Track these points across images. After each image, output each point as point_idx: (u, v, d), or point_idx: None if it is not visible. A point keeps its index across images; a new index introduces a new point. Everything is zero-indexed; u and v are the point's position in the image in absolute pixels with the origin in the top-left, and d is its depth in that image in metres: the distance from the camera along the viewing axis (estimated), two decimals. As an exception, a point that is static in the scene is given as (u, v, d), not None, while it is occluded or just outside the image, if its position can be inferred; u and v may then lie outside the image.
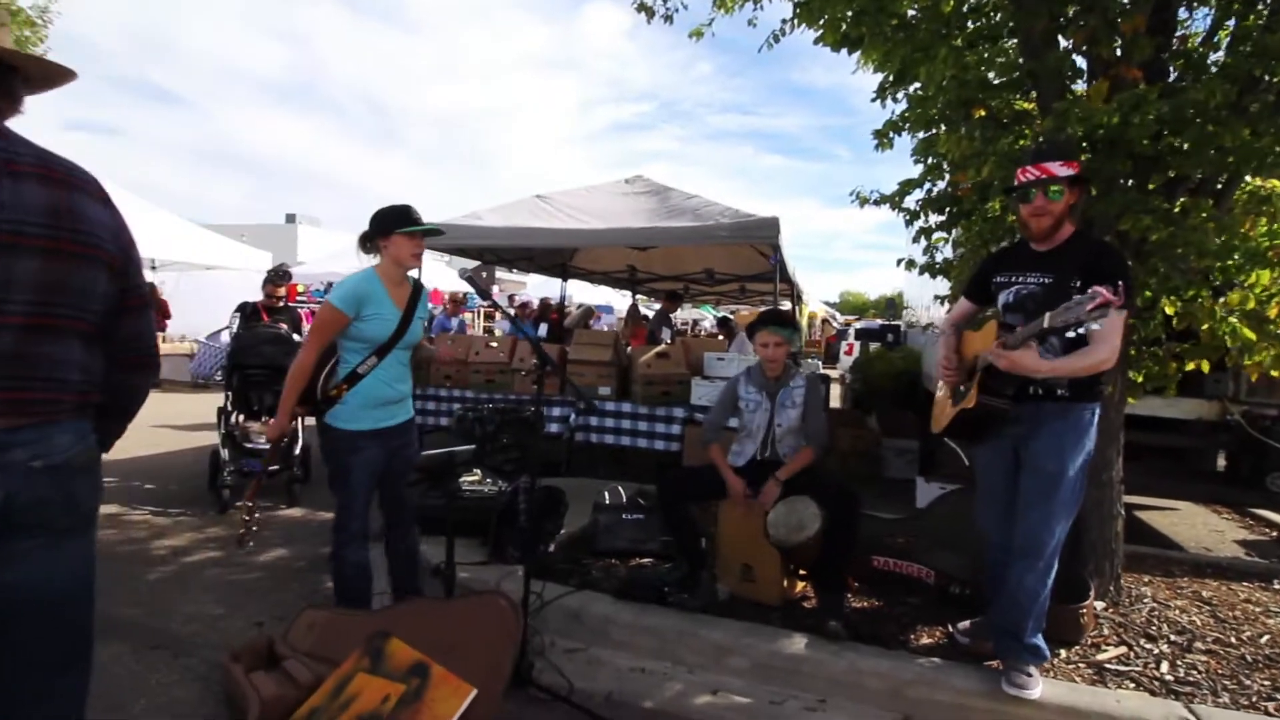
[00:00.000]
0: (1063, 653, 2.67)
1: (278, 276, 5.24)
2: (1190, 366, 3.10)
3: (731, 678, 2.62)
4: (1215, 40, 2.75)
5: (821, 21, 3.52)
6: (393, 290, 2.59)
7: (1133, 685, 2.48)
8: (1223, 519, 5.79)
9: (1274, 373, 2.68)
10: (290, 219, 39.48)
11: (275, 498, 4.69)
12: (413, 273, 2.75)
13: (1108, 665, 2.61)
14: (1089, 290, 1.85)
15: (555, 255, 8.40)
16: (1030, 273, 2.34)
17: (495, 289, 21.37)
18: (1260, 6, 2.63)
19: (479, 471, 3.67)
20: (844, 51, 3.69)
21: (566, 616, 2.88)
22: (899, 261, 3.88)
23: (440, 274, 15.00)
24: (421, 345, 2.82)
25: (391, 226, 2.56)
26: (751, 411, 3.15)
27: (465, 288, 14.78)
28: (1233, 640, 2.82)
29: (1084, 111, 2.30)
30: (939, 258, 3.76)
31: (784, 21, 3.88)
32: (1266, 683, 2.51)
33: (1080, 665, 2.62)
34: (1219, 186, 2.73)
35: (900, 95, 3.46)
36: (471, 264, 10.11)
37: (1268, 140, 2.21)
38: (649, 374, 5.25)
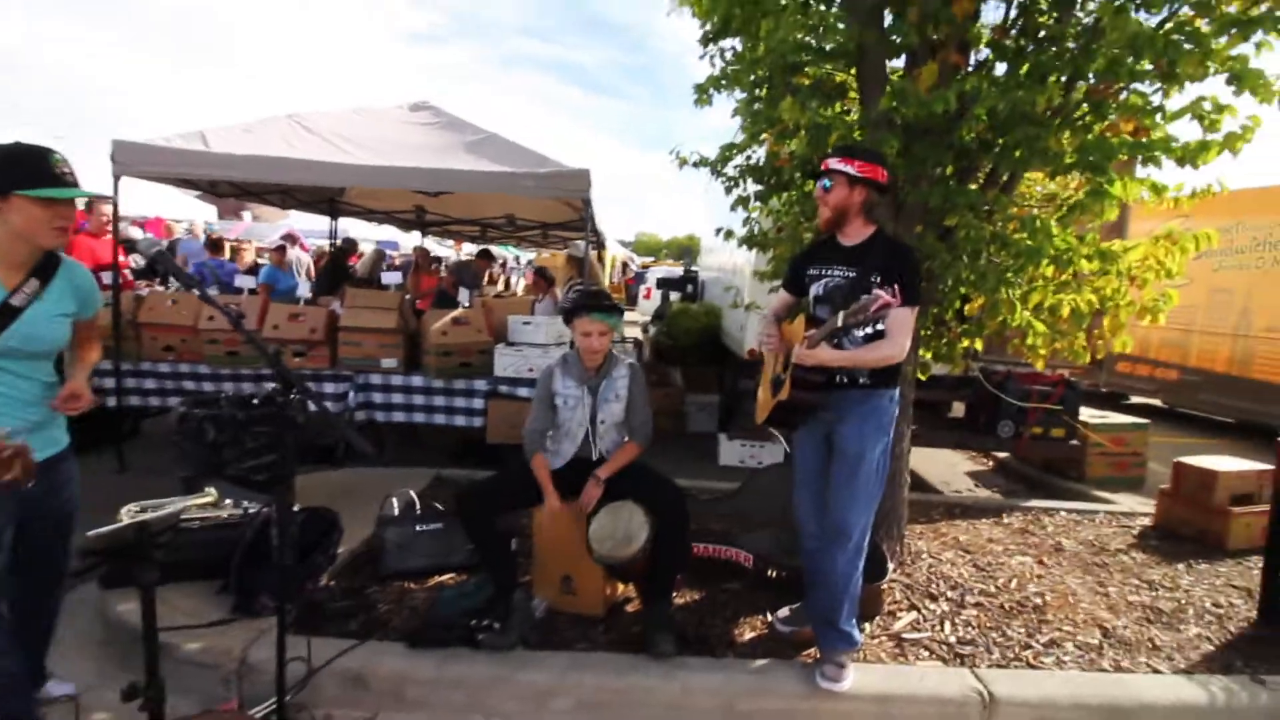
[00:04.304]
0: (867, 627, 2.80)
1: None
2: (966, 344, 3.36)
3: (555, 720, 2.31)
4: (1010, 33, 2.82)
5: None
6: None
7: (927, 654, 2.66)
8: (953, 453, 6.90)
9: (1039, 364, 2.98)
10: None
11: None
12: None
13: (904, 635, 2.78)
14: (873, 293, 1.98)
15: (319, 189, 6.99)
16: (837, 266, 2.42)
17: (246, 217, 17.88)
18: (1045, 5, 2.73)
19: (212, 490, 2.80)
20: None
21: (346, 679, 2.30)
22: (717, 231, 3.68)
23: (173, 201, 11.92)
24: (77, 353, 1.98)
25: (7, 184, 1.64)
26: (570, 409, 2.74)
27: (300, 223, 11.81)
28: (992, 589, 3.21)
29: (920, 95, 2.18)
30: (756, 229, 3.64)
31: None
32: (1022, 630, 2.86)
33: (882, 639, 2.76)
34: (1005, 180, 2.88)
35: (729, 50, 3.15)
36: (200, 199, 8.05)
37: (1068, 140, 2.31)
38: (444, 343, 4.56)
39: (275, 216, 18.03)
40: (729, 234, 3.61)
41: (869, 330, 2.24)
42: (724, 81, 3.37)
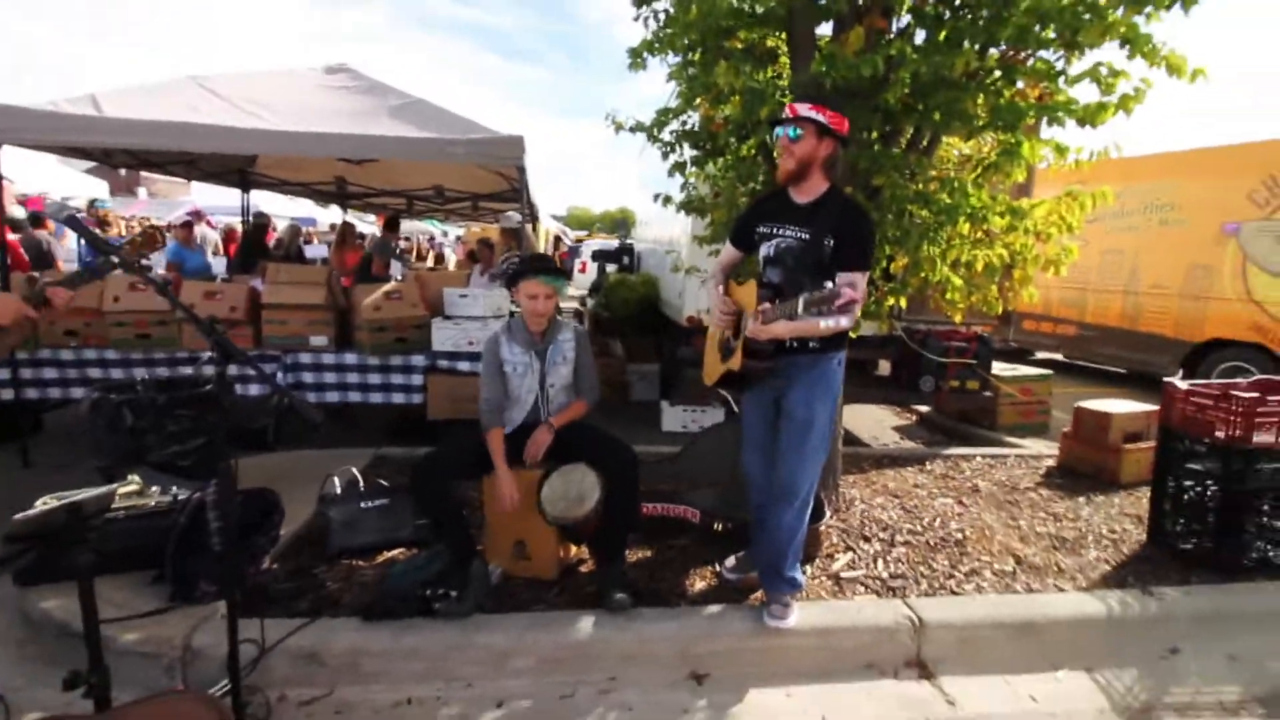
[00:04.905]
0: (807, 568, 2.97)
1: None
2: (891, 301, 3.55)
3: (516, 680, 2.35)
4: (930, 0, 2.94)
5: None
6: None
7: (863, 589, 2.86)
8: (880, 409, 7.29)
9: (958, 318, 3.19)
10: None
11: None
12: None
13: (842, 574, 2.97)
14: (839, 287, 1.95)
15: (228, 159, 6.54)
16: (789, 225, 2.38)
17: (141, 193, 16.52)
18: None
19: (137, 478, 2.66)
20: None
21: (298, 658, 2.26)
22: (655, 197, 3.70)
23: (59, 176, 10.87)
24: None
25: None
26: (520, 376, 2.74)
27: (206, 198, 10.81)
28: (918, 528, 3.45)
29: (849, 59, 2.26)
30: (693, 194, 3.68)
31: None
32: (946, 562, 3.11)
33: (822, 578, 2.94)
34: (925, 143, 3.03)
35: (661, 13, 3.14)
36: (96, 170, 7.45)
37: (982, 103, 2.47)
38: (378, 318, 4.42)
39: (176, 193, 16.70)
40: (667, 199, 3.64)
41: (826, 325, 2.12)
42: (657, 45, 3.36)
